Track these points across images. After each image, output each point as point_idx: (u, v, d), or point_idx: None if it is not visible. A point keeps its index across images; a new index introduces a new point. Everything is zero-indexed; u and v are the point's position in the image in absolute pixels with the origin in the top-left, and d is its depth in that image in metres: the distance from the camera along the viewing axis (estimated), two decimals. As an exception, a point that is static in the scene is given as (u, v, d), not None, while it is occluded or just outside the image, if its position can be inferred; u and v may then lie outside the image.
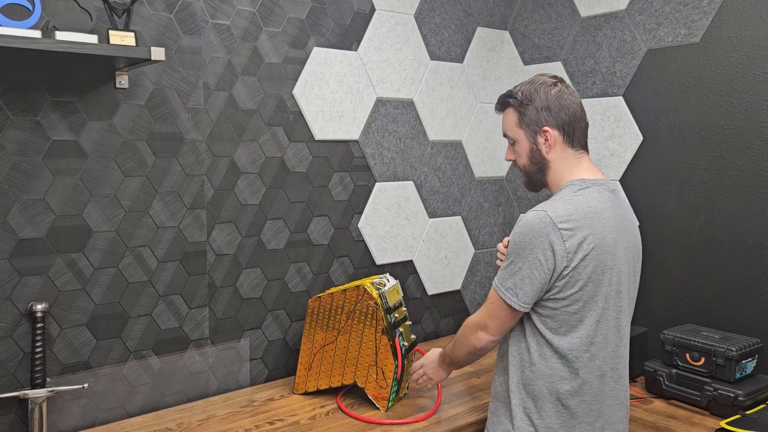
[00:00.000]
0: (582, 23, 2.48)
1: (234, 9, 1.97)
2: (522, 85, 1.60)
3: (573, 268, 1.44)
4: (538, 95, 1.55)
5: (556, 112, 1.54)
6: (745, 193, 2.04)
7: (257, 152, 2.06)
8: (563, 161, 1.57)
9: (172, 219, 1.91)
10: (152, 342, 1.90)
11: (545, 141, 1.56)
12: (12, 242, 1.66)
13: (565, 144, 1.56)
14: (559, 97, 1.54)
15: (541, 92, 1.55)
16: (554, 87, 1.55)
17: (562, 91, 1.55)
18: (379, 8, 2.32)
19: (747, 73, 2.02)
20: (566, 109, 1.54)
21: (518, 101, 1.58)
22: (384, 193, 2.41)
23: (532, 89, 1.57)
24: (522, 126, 1.58)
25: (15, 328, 1.67)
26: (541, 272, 1.45)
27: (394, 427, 1.79)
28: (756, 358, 1.92)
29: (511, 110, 1.61)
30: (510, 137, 1.63)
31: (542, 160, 1.58)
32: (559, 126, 1.54)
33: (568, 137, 1.56)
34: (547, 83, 1.57)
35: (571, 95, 1.56)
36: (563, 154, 1.56)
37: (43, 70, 1.66)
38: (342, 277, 2.32)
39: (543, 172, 1.59)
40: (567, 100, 1.55)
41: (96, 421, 1.82)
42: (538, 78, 1.60)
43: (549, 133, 1.55)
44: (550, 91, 1.55)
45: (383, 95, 2.37)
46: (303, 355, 2.02)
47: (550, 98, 1.54)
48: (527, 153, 1.60)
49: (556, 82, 1.57)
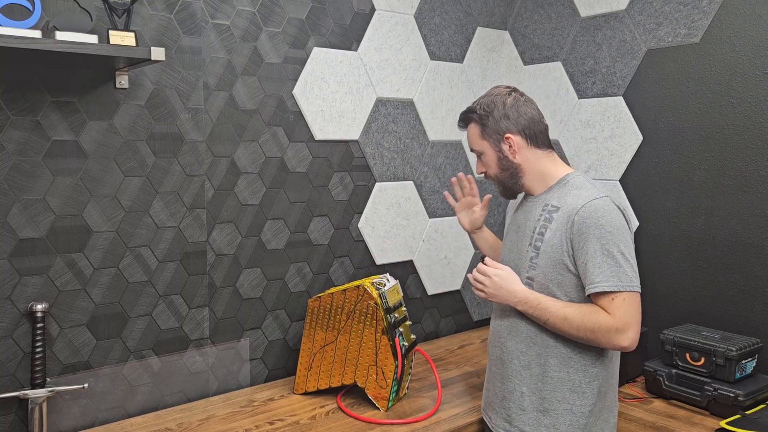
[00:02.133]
0: (582, 23, 2.48)
1: (234, 9, 1.97)
2: (479, 99, 1.69)
3: None
4: (496, 106, 1.65)
5: (515, 118, 1.63)
6: (745, 193, 2.04)
7: (257, 152, 2.06)
8: (537, 161, 1.66)
9: (172, 219, 1.91)
10: (152, 342, 1.91)
11: (509, 147, 1.64)
12: (12, 242, 1.66)
13: (531, 146, 1.65)
14: (514, 105, 1.64)
15: (498, 102, 1.65)
16: (509, 96, 1.65)
17: (518, 99, 1.65)
18: (379, 8, 2.32)
19: (747, 73, 2.02)
20: (524, 115, 1.64)
21: (478, 114, 1.67)
22: (384, 193, 2.41)
23: (489, 101, 1.66)
24: (485, 137, 1.67)
25: (15, 328, 1.68)
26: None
27: (394, 427, 1.79)
28: (756, 358, 1.92)
29: (472, 124, 1.70)
30: (476, 150, 1.71)
31: (511, 165, 1.66)
32: (519, 131, 1.64)
33: (531, 140, 1.64)
34: (503, 93, 1.67)
35: (526, 102, 1.66)
36: (533, 155, 1.65)
37: (43, 70, 1.67)
38: (342, 277, 2.32)
39: (516, 176, 1.67)
40: (523, 107, 1.65)
41: (96, 421, 1.82)
42: (493, 90, 1.69)
43: (511, 139, 1.63)
44: (506, 100, 1.65)
45: (383, 95, 2.37)
46: (303, 355, 2.02)
47: (507, 107, 1.64)
48: (495, 162, 1.68)
49: (510, 91, 1.67)
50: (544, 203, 1.63)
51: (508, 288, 1.63)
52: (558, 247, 1.56)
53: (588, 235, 1.51)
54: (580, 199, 1.55)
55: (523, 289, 1.62)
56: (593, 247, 1.50)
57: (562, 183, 1.63)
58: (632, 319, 1.50)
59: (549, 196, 1.64)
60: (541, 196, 1.66)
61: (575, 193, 1.57)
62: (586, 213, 1.52)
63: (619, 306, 1.49)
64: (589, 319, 1.51)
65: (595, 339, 1.52)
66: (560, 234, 1.56)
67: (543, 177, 1.66)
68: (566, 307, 1.55)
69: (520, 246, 1.68)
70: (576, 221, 1.53)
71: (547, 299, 1.58)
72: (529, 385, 1.63)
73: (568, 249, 1.55)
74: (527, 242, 1.64)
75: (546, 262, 1.59)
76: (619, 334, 1.49)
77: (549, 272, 1.59)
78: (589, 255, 1.51)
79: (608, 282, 1.49)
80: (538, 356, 1.62)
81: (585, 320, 1.52)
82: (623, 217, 1.54)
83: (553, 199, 1.62)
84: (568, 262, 1.56)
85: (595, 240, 1.50)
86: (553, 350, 1.60)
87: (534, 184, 1.67)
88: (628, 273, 1.50)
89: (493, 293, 1.65)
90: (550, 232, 1.59)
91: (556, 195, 1.62)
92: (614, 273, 1.49)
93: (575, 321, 1.53)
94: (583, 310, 1.53)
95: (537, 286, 1.61)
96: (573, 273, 1.56)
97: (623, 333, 1.49)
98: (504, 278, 1.64)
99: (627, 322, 1.49)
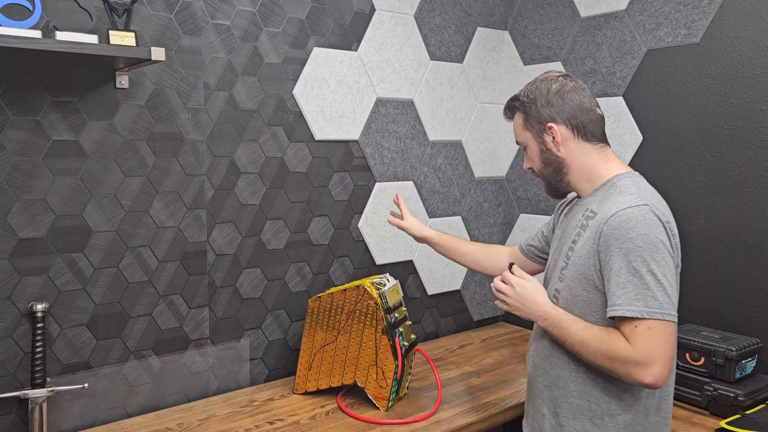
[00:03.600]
0: (582, 23, 2.48)
1: (234, 9, 1.97)
2: (525, 86, 1.54)
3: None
4: (540, 92, 1.49)
5: (559, 106, 1.46)
6: (745, 193, 2.04)
7: (257, 152, 2.06)
8: (585, 156, 1.47)
9: (172, 219, 1.91)
10: (152, 342, 1.91)
11: (552, 139, 1.47)
12: (12, 242, 1.66)
13: (578, 138, 1.46)
14: (560, 91, 1.47)
15: (542, 89, 1.49)
16: (555, 81, 1.49)
17: (564, 85, 1.48)
18: (379, 8, 2.32)
19: (747, 73, 2.02)
20: (569, 102, 1.46)
21: (521, 102, 1.52)
22: (384, 193, 2.41)
23: (533, 88, 1.51)
24: (528, 127, 1.51)
25: (15, 328, 1.68)
26: (674, 272, 1.34)
27: (394, 427, 1.79)
28: (756, 358, 1.92)
29: (517, 114, 1.55)
30: (520, 142, 1.56)
31: (555, 159, 1.49)
32: (564, 120, 1.46)
33: (578, 131, 1.46)
34: (548, 79, 1.50)
35: (575, 89, 1.48)
36: (580, 149, 1.47)
37: (43, 70, 1.67)
38: (342, 277, 2.32)
39: (561, 173, 1.50)
40: (570, 93, 1.47)
41: (96, 421, 1.82)
42: (540, 76, 1.54)
43: (554, 129, 1.46)
44: (551, 86, 1.48)
45: (383, 95, 2.37)
46: (303, 355, 2.02)
47: (551, 93, 1.47)
48: (538, 155, 1.52)
49: (558, 76, 1.50)
50: (586, 207, 1.46)
51: (531, 300, 1.49)
52: (586, 259, 1.39)
53: (614, 248, 1.32)
54: (615, 206, 1.35)
55: (546, 303, 1.47)
56: (618, 264, 1.31)
57: (608, 185, 1.44)
58: (657, 353, 1.28)
59: (592, 199, 1.46)
60: (586, 199, 1.48)
61: (615, 198, 1.39)
62: (615, 222, 1.33)
63: (642, 335, 1.28)
64: (607, 345, 1.33)
65: (614, 370, 1.33)
66: (589, 245, 1.39)
67: (590, 176, 1.47)
68: (586, 330, 1.38)
69: (559, 254, 1.52)
70: (604, 231, 1.34)
71: (569, 318, 1.42)
72: (549, 408, 1.51)
73: (595, 263, 1.37)
74: (565, 250, 1.48)
75: (573, 275, 1.43)
76: (639, 368, 1.28)
77: (575, 288, 1.42)
78: (613, 272, 1.32)
79: (631, 306, 1.29)
80: (558, 378, 1.48)
81: (602, 346, 1.34)
82: (663, 231, 1.32)
83: (593, 203, 1.44)
84: (596, 279, 1.38)
85: (621, 255, 1.31)
86: (574, 374, 1.45)
87: (580, 184, 1.49)
88: (658, 297, 1.29)
89: (515, 305, 1.51)
90: (581, 241, 1.42)
91: (598, 199, 1.44)
92: (639, 296, 1.29)
93: (592, 346, 1.35)
94: (602, 334, 1.35)
95: (562, 302, 1.46)
96: (601, 291, 1.38)
97: (645, 368, 1.28)
98: (527, 289, 1.50)
99: (650, 355, 1.28)
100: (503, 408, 1.92)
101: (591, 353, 1.36)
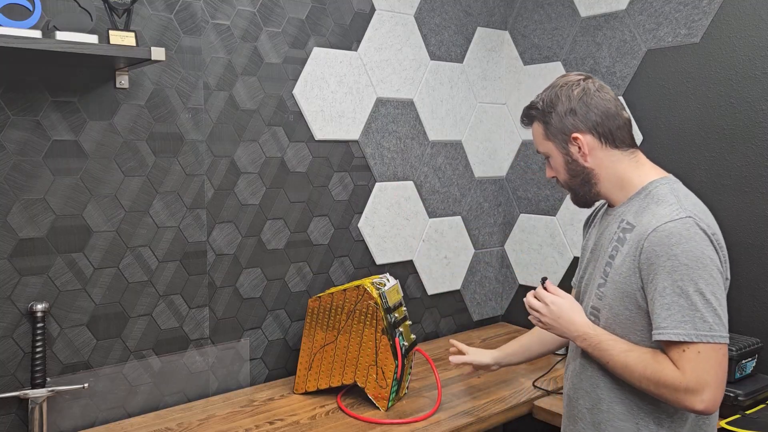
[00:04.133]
0: (582, 23, 2.48)
1: (234, 9, 1.97)
2: (543, 92, 1.43)
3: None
4: (560, 99, 1.37)
5: (583, 114, 1.35)
6: (745, 193, 2.04)
7: (257, 152, 2.06)
8: (615, 164, 1.37)
9: (172, 219, 1.91)
10: (152, 342, 1.91)
11: (579, 149, 1.37)
12: (12, 242, 1.66)
13: (606, 146, 1.36)
14: (583, 97, 1.36)
15: (563, 95, 1.37)
16: (577, 87, 1.37)
17: (587, 90, 1.37)
18: (379, 8, 2.32)
19: (747, 73, 2.02)
20: (594, 109, 1.35)
21: (540, 111, 1.41)
22: (384, 193, 2.41)
23: (552, 94, 1.39)
24: (549, 137, 1.40)
25: (15, 328, 1.68)
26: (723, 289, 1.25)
27: (394, 427, 1.79)
28: (756, 358, 1.92)
29: (536, 123, 1.43)
30: (542, 152, 1.45)
31: (583, 170, 1.39)
32: (590, 129, 1.36)
33: (605, 139, 1.36)
34: (569, 83, 1.39)
35: (598, 92, 1.37)
36: (609, 158, 1.37)
37: (43, 70, 1.67)
38: (342, 277, 2.32)
39: (590, 183, 1.40)
40: (594, 99, 1.36)
41: (96, 421, 1.82)
42: (559, 80, 1.41)
43: (580, 140, 1.36)
44: (572, 92, 1.37)
45: (383, 95, 2.37)
46: (303, 355, 2.02)
47: (573, 100, 1.36)
48: (563, 166, 1.41)
49: (579, 80, 1.39)
50: (621, 218, 1.36)
51: (568, 319, 1.39)
52: (627, 277, 1.30)
53: (658, 266, 1.23)
54: (655, 219, 1.26)
55: (584, 322, 1.37)
56: (663, 283, 1.22)
57: (644, 193, 1.34)
58: (709, 378, 1.19)
59: (627, 209, 1.36)
60: (619, 209, 1.39)
61: (653, 209, 1.29)
62: (657, 239, 1.23)
63: (692, 360, 1.20)
64: (653, 370, 1.24)
65: (661, 395, 1.25)
66: (630, 261, 1.29)
67: (622, 184, 1.37)
68: (629, 352, 1.29)
69: (594, 269, 1.43)
70: (645, 248, 1.25)
71: (610, 338, 1.32)
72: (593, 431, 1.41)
73: (637, 281, 1.28)
74: (601, 265, 1.38)
75: (614, 294, 1.33)
76: (689, 395, 1.20)
77: (616, 307, 1.33)
78: (658, 292, 1.23)
79: (678, 329, 1.21)
80: (600, 401, 1.38)
81: (647, 371, 1.25)
82: (710, 245, 1.23)
83: (629, 213, 1.34)
84: (639, 297, 1.29)
85: (665, 274, 1.22)
86: (618, 395, 1.36)
87: (612, 193, 1.40)
88: (708, 319, 1.20)
89: (550, 323, 1.42)
90: (620, 257, 1.32)
91: (634, 209, 1.34)
92: (687, 318, 1.20)
93: (636, 370, 1.27)
94: (647, 357, 1.26)
95: (603, 321, 1.37)
96: (644, 310, 1.29)
97: (695, 395, 1.20)
98: (563, 308, 1.40)
99: (700, 381, 1.19)
100: (503, 408, 1.92)
101: (636, 378, 1.28)
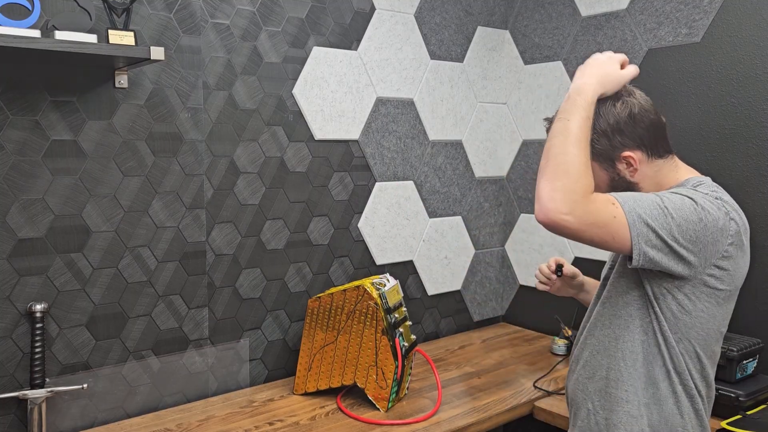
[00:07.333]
0: (582, 23, 2.47)
1: (234, 8, 1.97)
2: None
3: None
4: (603, 118, 1.29)
5: (631, 131, 1.29)
6: (745, 193, 2.03)
7: (257, 152, 2.06)
8: (656, 173, 1.34)
9: (171, 219, 1.90)
10: (152, 342, 1.90)
11: (627, 166, 1.31)
12: (11, 242, 1.65)
13: (651, 159, 1.32)
14: (628, 113, 1.29)
15: (609, 115, 1.29)
16: (618, 101, 1.30)
17: (628, 103, 1.30)
18: (379, 7, 2.32)
19: (747, 73, 2.02)
20: (641, 123, 1.29)
21: None
22: (384, 193, 2.41)
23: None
24: (594, 158, 1.30)
25: (14, 328, 1.67)
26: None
27: (394, 427, 1.78)
28: (757, 358, 1.92)
29: None
30: None
31: (628, 185, 1.34)
32: (638, 145, 1.30)
33: (652, 151, 1.31)
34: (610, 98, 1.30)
35: (639, 102, 1.31)
36: (653, 168, 1.33)
37: (42, 69, 1.66)
38: (342, 277, 2.32)
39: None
40: (639, 113, 1.29)
41: (95, 421, 1.81)
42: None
43: (632, 158, 1.30)
44: (614, 108, 1.29)
45: (383, 95, 2.36)
46: (303, 356, 2.01)
47: (619, 118, 1.29)
48: (606, 183, 1.35)
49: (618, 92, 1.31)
50: None
51: (590, 72, 1.32)
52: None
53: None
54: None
55: (593, 91, 1.26)
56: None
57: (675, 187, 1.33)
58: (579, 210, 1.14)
59: None
60: None
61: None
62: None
63: (596, 199, 1.17)
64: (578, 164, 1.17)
65: (542, 175, 1.18)
66: None
67: (660, 188, 1.34)
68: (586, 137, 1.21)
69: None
70: None
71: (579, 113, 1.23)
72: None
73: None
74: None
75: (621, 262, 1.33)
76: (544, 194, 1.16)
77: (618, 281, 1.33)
78: None
79: (624, 196, 1.20)
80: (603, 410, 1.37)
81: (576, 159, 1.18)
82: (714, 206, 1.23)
83: None
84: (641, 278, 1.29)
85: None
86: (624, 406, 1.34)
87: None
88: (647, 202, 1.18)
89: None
90: None
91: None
92: (638, 197, 1.19)
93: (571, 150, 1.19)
94: (586, 160, 1.20)
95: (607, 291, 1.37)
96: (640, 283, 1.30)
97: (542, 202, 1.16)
98: (595, 61, 1.36)
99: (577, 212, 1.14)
100: (504, 409, 1.92)
101: (559, 145, 1.19)
